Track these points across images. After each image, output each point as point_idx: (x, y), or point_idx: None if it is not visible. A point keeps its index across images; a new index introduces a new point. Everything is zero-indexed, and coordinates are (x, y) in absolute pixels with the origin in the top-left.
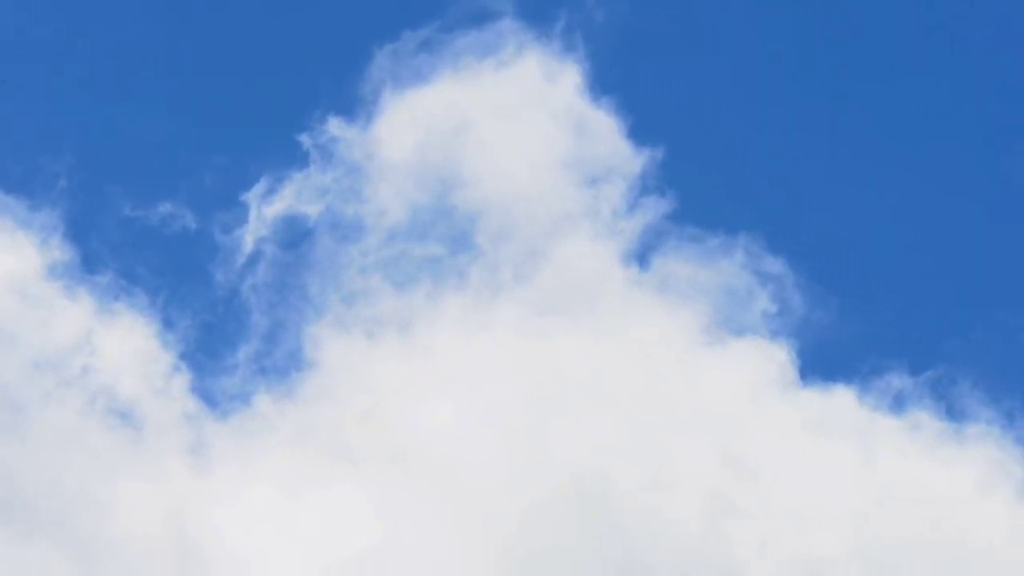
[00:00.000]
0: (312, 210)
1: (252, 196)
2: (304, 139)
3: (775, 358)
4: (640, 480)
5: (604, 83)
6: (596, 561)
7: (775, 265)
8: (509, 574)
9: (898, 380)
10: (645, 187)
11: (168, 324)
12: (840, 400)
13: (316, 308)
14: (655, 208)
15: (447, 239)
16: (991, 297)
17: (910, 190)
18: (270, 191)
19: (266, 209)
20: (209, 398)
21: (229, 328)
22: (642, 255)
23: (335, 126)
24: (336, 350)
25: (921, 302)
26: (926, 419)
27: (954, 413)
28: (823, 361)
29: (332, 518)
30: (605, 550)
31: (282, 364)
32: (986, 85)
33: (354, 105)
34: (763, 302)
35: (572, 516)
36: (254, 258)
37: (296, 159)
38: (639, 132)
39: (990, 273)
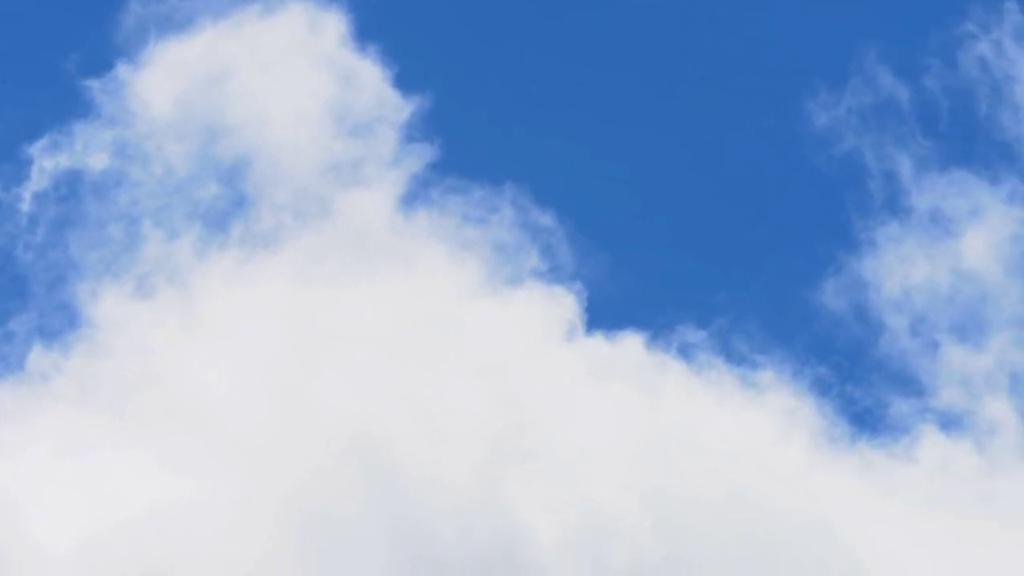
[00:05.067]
0: (88, 161)
1: (36, 150)
2: (86, 87)
3: (562, 305)
4: (420, 433)
5: (369, 32)
6: (375, 517)
7: (544, 218)
8: (291, 531)
9: (688, 332)
10: (412, 136)
11: None
12: (627, 347)
13: (88, 263)
14: (422, 158)
15: (215, 189)
16: (764, 245)
17: (679, 140)
18: (53, 145)
19: (46, 162)
20: None
21: (5, 286)
22: (411, 205)
23: (96, 76)
24: (109, 306)
25: (697, 253)
26: (717, 366)
27: (744, 361)
28: (608, 314)
29: (113, 477)
30: (384, 507)
31: (57, 323)
32: (753, 37)
33: (114, 53)
34: (533, 258)
35: (351, 471)
36: (32, 215)
37: (69, 110)
38: (405, 81)
39: (762, 221)
